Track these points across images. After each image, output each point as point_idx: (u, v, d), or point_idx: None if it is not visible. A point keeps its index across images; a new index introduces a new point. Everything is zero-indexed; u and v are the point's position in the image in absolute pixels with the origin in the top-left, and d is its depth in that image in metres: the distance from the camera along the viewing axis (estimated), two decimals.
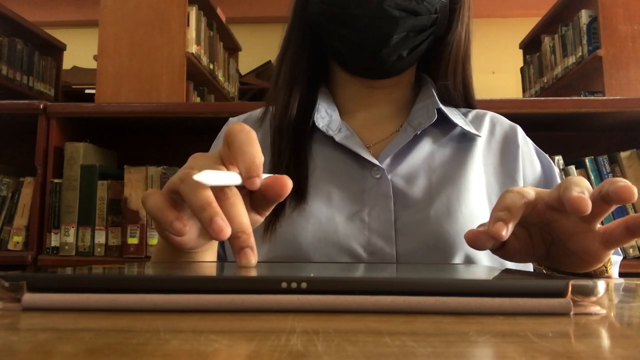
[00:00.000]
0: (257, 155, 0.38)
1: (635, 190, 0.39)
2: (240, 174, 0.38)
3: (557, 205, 0.42)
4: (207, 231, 0.35)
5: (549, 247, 0.46)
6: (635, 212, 1.30)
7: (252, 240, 0.36)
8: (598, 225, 0.44)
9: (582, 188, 0.39)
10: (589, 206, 0.38)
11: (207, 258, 0.48)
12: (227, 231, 0.35)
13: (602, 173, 1.34)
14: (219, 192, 0.37)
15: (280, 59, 0.70)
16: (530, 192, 0.43)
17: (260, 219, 0.44)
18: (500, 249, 0.46)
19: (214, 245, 0.49)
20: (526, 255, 0.47)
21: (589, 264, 0.45)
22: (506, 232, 0.40)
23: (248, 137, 0.39)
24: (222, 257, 0.67)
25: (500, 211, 0.41)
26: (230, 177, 0.38)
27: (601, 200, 0.40)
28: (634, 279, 0.51)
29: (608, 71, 2.04)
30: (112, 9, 2.04)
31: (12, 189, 1.45)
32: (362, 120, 0.69)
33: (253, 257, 0.36)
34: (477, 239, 0.42)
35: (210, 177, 0.36)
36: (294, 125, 0.65)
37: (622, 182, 0.39)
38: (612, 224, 0.42)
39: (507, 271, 0.39)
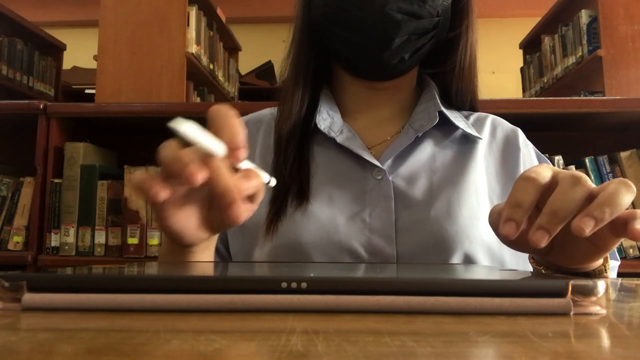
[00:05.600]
0: (240, 129, 0.38)
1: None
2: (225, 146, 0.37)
3: None
4: (181, 179, 0.35)
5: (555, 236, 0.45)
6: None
7: (240, 197, 0.36)
8: None
9: (601, 212, 0.37)
10: (585, 234, 0.37)
11: (205, 258, 0.48)
12: (201, 175, 0.34)
13: (602, 173, 1.34)
14: (205, 159, 0.36)
15: (286, 61, 0.70)
16: (544, 174, 0.41)
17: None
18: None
19: (212, 244, 0.49)
20: (527, 246, 0.46)
21: (596, 252, 0.44)
22: (515, 232, 0.39)
23: (229, 113, 0.39)
24: (225, 258, 0.67)
25: (511, 208, 0.39)
26: (214, 143, 0.36)
27: (613, 226, 0.39)
28: (634, 279, 0.51)
29: (608, 71, 2.04)
30: (112, 9, 2.04)
31: (12, 189, 1.45)
32: (363, 122, 0.69)
33: (243, 211, 0.35)
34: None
35: (193, 129, 0.35)
36: (297, 127, 0.65)
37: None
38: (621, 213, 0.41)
39: (507, 271, 0.39)
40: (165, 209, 0.40)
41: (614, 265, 0.65)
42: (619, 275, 0.67)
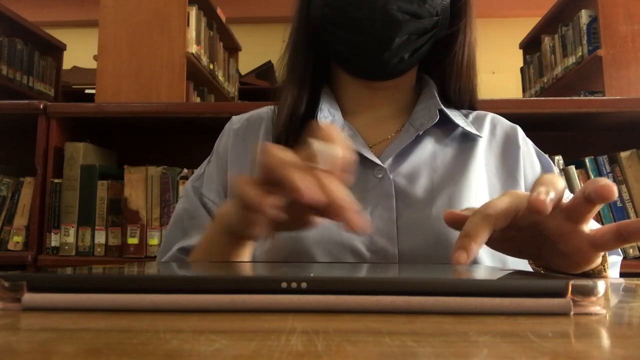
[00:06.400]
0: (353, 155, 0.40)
1: (615, 189, 0.39)
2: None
3: None
4: (293, 195, 0.35)
5: (540, 248, 0.46)
6: (637, 216, 1.30)
7: (354, 207, 0.36)
8: (597, 226, 0.44)
9: (547, 187, 0.40)
10: (546, 206, 0.38)
11: (250, 252, 0.51)
12: (317, 196, 0.35)
13: (602, 173, 1.34)
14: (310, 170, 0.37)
15: (283, 61, 0.70)
16: (499, 204, 0.42)
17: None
18: (489, 244, 0.46)
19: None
20: (517, 253, 0.48)
21: (579, 265, 0.45)
22: (466, 259, 0.40)
23: (340, 134, 0.40)
24: None
25: (462, 238, 0.41)
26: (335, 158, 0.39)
27: (585, 200, 0.40)
28: (634, 279, 0.51)
29: (608, 71, 2.04)
30: (112, 9, 2.04)
31: (12, 189, 1.45)
32: (364, 121, 0.69)
33: (363, 221, 0.36)
34: (454, 223, 0.45)
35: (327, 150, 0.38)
36: (295, 126, 0.65)
37: (603, 181, 0.40)
38: (603, 227, 0.42)
39: (507, 271, 0.39)
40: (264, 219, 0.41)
41: (615, 260, 0.65)
42: (620, 275, 0.67)
